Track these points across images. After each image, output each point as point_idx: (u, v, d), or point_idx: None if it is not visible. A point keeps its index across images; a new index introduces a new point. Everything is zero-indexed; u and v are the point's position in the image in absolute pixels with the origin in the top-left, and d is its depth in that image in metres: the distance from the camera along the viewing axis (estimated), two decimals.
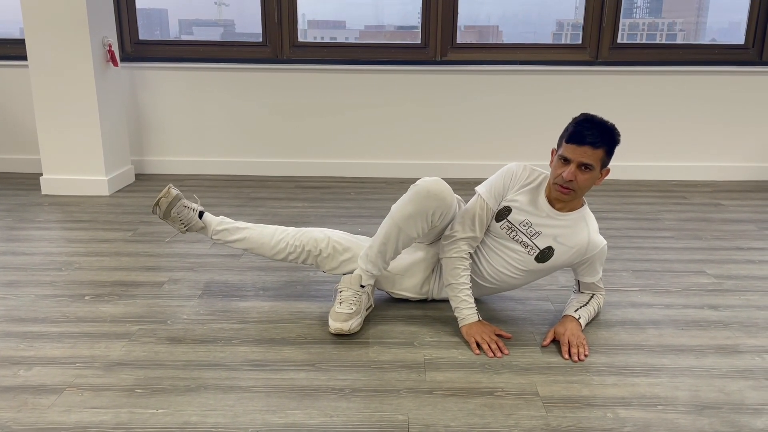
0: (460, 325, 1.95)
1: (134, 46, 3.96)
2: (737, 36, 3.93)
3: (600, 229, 2.95)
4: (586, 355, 1.84)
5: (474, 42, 4.06)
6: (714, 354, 1.86)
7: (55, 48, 3.37)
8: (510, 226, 1.95)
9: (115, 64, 3.56)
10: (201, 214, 2.22)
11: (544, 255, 1.93)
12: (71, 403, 1.60)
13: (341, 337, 1.94)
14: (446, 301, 2.19)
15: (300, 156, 4.06)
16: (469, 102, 3.95)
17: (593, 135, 1.82)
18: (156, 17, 4.36)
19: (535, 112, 3.96)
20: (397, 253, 2.00)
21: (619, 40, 3.89)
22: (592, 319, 2.05)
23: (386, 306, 2.16)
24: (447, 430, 1.51)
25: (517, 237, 1.95)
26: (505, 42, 4.08)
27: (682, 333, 1.98)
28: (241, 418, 1.54)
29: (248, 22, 4.04)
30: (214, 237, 2.21)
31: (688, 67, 3.86)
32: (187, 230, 2.22)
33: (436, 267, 2.14)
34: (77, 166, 3.54)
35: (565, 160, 1.85)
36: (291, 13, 3.89)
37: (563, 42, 4.17)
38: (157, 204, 2.19)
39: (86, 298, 2.21)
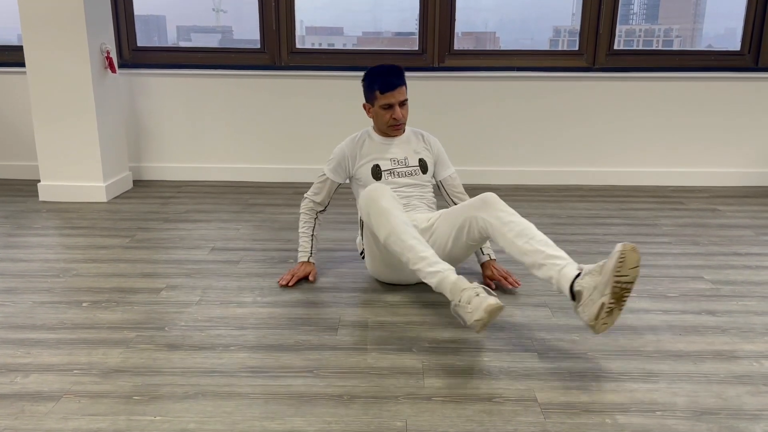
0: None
1: (132, 53, 3.97)
2: (733, 42, 3.95)
3: (597, 234, 2.97)
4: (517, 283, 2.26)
5: (471, 48, 4.07)
6: (712, 360, 1.86)
7: (53, 54, 3.38)
8: (390, 171, 2.33)
9: (113, 71, 3.57)
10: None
11: (423, 165, 2.38)
12: (69, 410, 1.60)
13: (339, 344, 1.94)
14: (447, 307, 2.19)
15: (298, 162, 4.06)
16: (467, 108, 3.96)
17: (397, 78, 2.25)
18: (154, 24, 4.37)
19: (532, 118, 3.97)
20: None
21: (615, 47, 3.91)
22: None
23: (385, 312, 2.16)
24: None
25: (400, 172, 2.34)
26: (502, 48, 4.09)
27: (680, 339, 1.99)
28: (239, 425, 1.54)
29: (246, 29, 4.06)
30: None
31: (685, 73, 3.88)
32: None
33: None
34: (75, 172, 3.54)
35: (389, 106, 2.26)
36: (289, 20, 3.90)
37: (560, 48, 4.18)
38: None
39: (84, 304, 2.21)
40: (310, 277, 2.38)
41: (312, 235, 2.45)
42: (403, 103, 2.29)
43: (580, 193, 3.80)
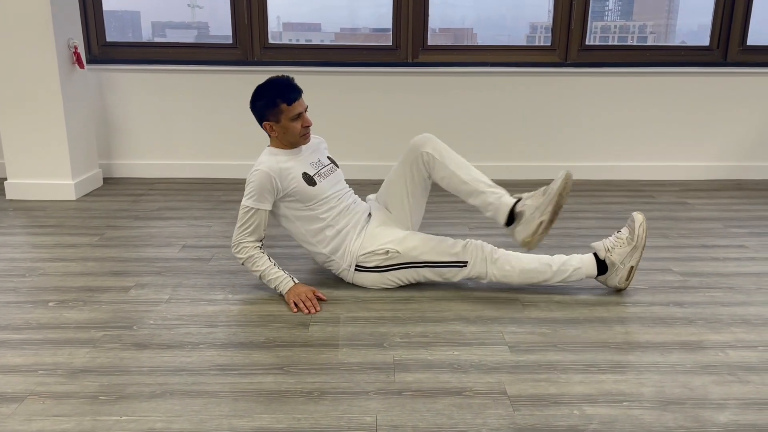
0: (284, 294, 2.19)
1: (101, 48, 3.90)
2: (706, 38, 4.00)
3: (570, 228, 3.00)
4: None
5: (446, 44, 4.07)
6: (679, 350, 1.89)
7: (19, 50, 3.31)
8: (318, 174, 2.28)
9: (81, 66, 3.51)
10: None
11: (333, 161, 2.41)
12: (33, 411, 1.57)
13: (310, 340, 1.93)
14: (419, 302, 2.19)
15: None
16: (440, 103, 3.96)
17: (296, 88, 2.22)
18: (128, 19, 4.30)
19: (505, 113, 3.99)
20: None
21: (590, 42, 3.94)
22: None
23: (357, 308, 2.16)
24: (415, 430, 1.51)
25: (324, 173, 2.31)
26: (477, 44, 4.10)
27: (648, 330, 2.01)
28: (207, 424, 1.52)
29: (222, 25, 4.01)
30: None
31: (655, 68, 3.92)
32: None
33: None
34: (43, 170, 3.47)
35: (298, 116, 2.22)
36: (261, 15, 3.87)
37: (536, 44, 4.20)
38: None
39: (50, 304, 2.17)
40: (321, 295, 2.20)
41: (278, 266, 2.23)
42: (306, 110, 2.26)
43: None
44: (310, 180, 2.24)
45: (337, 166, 2.41)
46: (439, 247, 2.24)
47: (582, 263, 2.23)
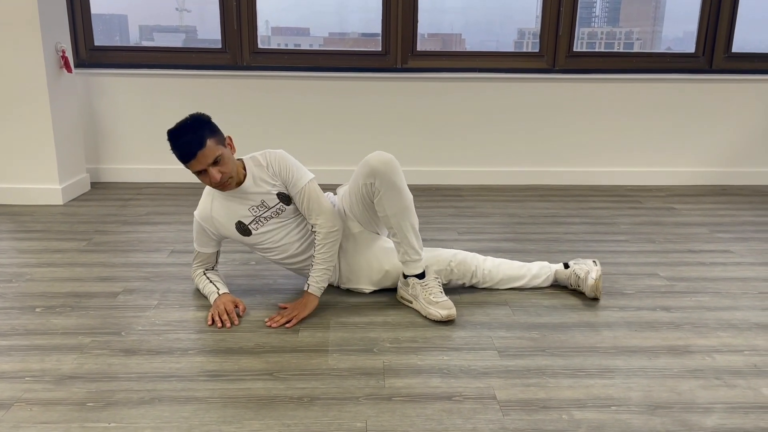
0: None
1: (89, 52, 3.89)
2: (692, 45, 4.05)
3: (558, 233, 3.01)
4: (287, 326, 2.05)
5: (435, 50, 4.09)
6: (666, 354, 1.90)
7: (6, 54, 3.28)
8: (255, 221, 2.14)
9: (69, 71, 3.49)
10: None
11: (284, 197, 2.13)
12: (20, 418, 1.55)
13: (300, 345, 1.93)
14: (407, 307, 2.20)
15: None
16: (429, 109, 3.98)
17: (191, 144, 1.92)
18: (115, 23, 4.29)
19: (493, 119, 4.01)
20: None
21: (577, 49, 3.97)
22: (329, 262, 2.13)
23: (347, 313, 2.16)
24: None
25: (269, 216, 2.14)
26: (467, 50, 4.12)
27: (636, 334, 2.03)
28: (196, 430, 1.52)
29: (210, 29, 4.00)
30: None
31: (642, 74, 3.96)
32: None
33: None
34: (30, 174, 3.45)
35: (200, 172, 1.98)
36: (250, 20, 3.87)
37: (524, 50, 4.23)
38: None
39: (37, 310, 2.15)
40: (240, 308, 2.12)
41: (211, 280, 2.22)
42: (216, 162, 1.96)
43: (540, 193, 3.85)
44: (243, 230, 2.15)
45: (289, 203, 2.15)
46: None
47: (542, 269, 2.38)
